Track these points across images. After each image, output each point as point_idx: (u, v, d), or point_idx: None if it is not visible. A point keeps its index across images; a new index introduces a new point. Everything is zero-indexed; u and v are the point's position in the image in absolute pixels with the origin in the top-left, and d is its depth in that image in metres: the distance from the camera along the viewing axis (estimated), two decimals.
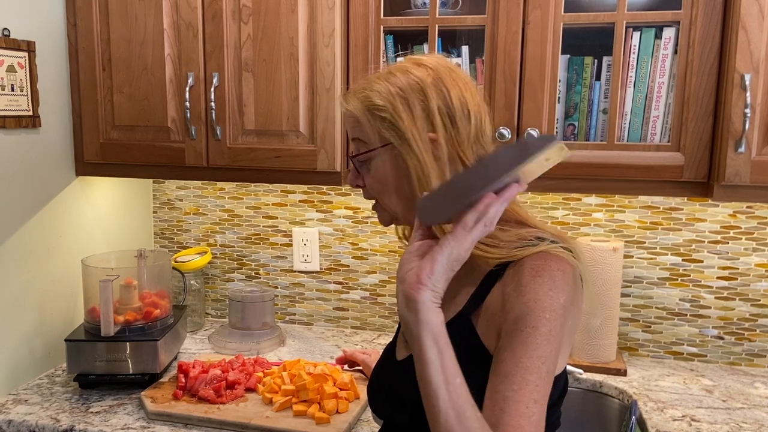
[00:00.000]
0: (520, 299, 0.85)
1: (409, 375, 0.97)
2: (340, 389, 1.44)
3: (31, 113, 1.57)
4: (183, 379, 1.48)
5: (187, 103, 1.59)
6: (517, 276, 0.87)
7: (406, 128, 0.92)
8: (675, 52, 1.39)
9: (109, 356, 1.49)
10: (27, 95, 1.55)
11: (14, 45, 1.51)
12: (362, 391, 1.47)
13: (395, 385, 1.00)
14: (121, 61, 1.64)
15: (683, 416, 1.43)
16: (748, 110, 1.29)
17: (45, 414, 1.41)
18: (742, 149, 1.31)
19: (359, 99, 0.97)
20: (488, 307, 0.90)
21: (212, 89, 1.57)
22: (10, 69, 1.50)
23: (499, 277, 0.91)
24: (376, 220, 1.91)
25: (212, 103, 1.57)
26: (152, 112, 1.64)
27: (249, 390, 1.49)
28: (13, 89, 1.51)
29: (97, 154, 1.70)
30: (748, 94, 1.28)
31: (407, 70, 0.95)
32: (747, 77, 1.29)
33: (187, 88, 1.58)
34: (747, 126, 1.29)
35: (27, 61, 1.55)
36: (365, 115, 0.96)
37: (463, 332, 0.90)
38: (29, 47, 1.55)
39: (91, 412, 1.42)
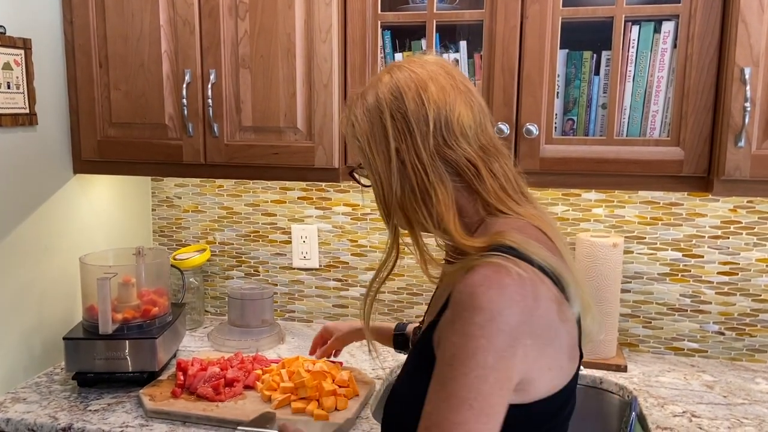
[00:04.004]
0: (452, 328, 0.80)
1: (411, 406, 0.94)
2: (339, 386, 1.44)
3: (27, 111, 1.56)
4: (182, 377, 1.48)
5: (184, 100, 1.58)
6: (454, 296, 0.82)
7: (372, 156, 0.95)
8: (674, 46, 1.38)
9: (107, 354, 1.48)
10: (23, 93, 1.55)
11: (10, 42, 1.50)
12: (361, 388, 1.47)
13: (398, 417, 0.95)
14: (118, 57, 1.63)
15: (684, 412, 1.43)
16: (747, 104, 1.28)
17: (43, 412, 1.41)
18: (742, 143, 1.30)
19: (345, 121, 0.99)
20: (443, 320, 0.86)
21: (209, 86, 1.56)
22: (6, 66, 1.50)
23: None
24: (376, 216, 1.92)
25: (209, 100, 1.57)
26: (149, 109, 1.63)
27: (248, 388, 1.48)
28: (9, 87, 1.50)
29: (95, 152, 1.69)
30: (747, 87, 1.28)
31: (378, 81, 0.96)
32: (747, 71, 1.28)
33: (184, 85, 1.58)
34: (747, 120, 1.28)
35: (23, 59, 1.54)
36: (349, 139, 1.00)
37: (425, 343, 0.89)
38: (25, 44, 1.55)
39: (90, 411, 1.41)
